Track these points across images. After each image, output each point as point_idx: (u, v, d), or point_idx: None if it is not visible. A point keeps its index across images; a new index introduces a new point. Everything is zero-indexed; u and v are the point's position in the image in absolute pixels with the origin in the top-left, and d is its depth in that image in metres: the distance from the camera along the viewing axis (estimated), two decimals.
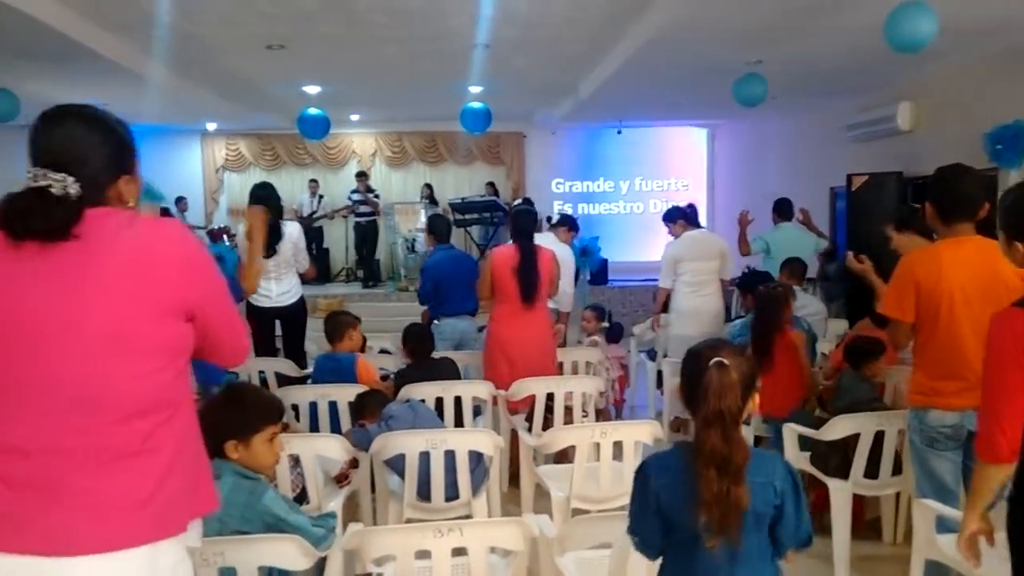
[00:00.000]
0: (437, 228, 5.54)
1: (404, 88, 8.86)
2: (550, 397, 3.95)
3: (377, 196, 11.19)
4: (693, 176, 13.09)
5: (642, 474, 1.77)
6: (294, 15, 5.69)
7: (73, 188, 1.35)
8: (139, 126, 10.98)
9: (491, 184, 11.92)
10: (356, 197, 11.02)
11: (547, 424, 3.88)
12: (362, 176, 11.38)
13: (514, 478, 4.24)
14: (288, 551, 2.05)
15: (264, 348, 5.06)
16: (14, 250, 1.34)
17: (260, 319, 5.02)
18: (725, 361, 1.66)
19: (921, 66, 6.50)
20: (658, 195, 12.96)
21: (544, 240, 5.22)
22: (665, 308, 5.75)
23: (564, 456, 3.53)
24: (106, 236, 1.38)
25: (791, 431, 3.60)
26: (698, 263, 5.46)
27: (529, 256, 4.37)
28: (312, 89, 8.86)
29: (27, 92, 6.74)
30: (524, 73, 7.95)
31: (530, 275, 4.34)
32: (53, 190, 1.34)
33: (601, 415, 4.96)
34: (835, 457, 3.34)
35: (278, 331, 5.18)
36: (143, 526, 1.36)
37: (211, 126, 12.11)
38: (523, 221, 4.56)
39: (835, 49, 6.15)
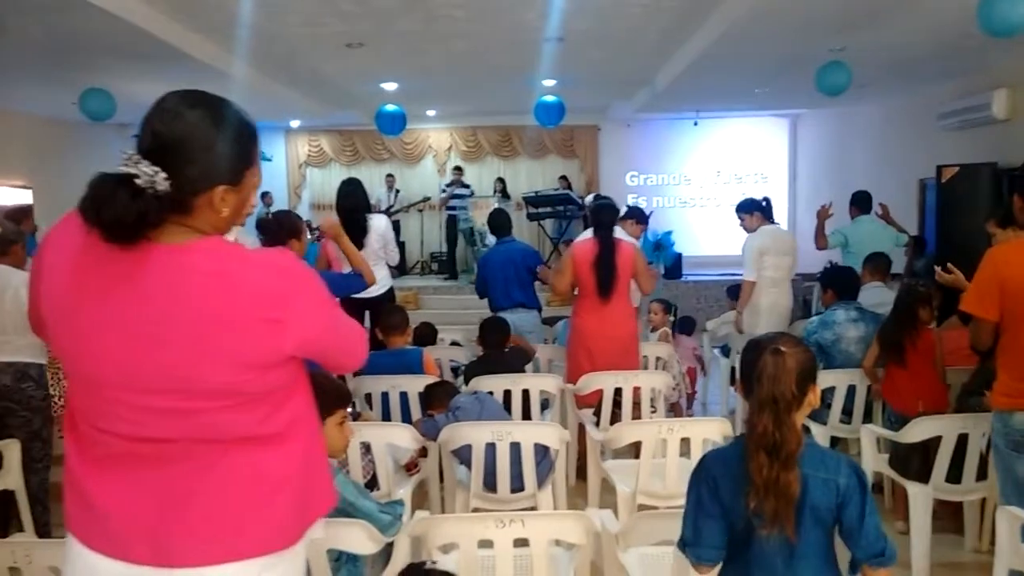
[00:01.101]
0: (495, 222, 5.58)
1: (479, 83, 8.93)
2: (618, 392, 3.94)
3: (471, 191, 11.31)
4: (773, 168, 12.72)
5: (701, 468, 1.77)
6: (373, 13, 5.82)
7: (162, 185, 1.20)
8: None
9: (564, 178, 11.90)
10: (453, 191, 11.13)
11: (615, 419, 3.87)
12: (458, 170, 11.53)
13: (582, 472, 4.24)
14: (355, 536, 2.11)
15: None
16: (100, 245, 1.22)
17: (350, 310, 5.15)
18: (782, 348, 1.66)
19: (1018, 51, 6.14)
20: (735, 188, 12.68)
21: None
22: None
23: (635, 451, 3.52)
24: (191, 270, 1.24)
25: (869, 432, 3.48)
26: (778, 258, 5.32)
27: (608, 250, 4.33)
28: (390, 86, 9.04)
29: (122, 91, 7.14)
30: (598, 65, 7.90)
31: (607, 269, 4.31)
32: (138, 181, 1.18)
33: (674, 409, 4.92)
34: (915, 460, 3.21)
35: (367, 323, 5.32)
36: (261, 538, 1.32)
37: (295, 123, 12.51)
38: (604, 214, 4.50)
39: (923, 34, 5.87)
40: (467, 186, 11.40)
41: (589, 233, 5.10)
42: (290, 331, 1.27)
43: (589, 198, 7.21)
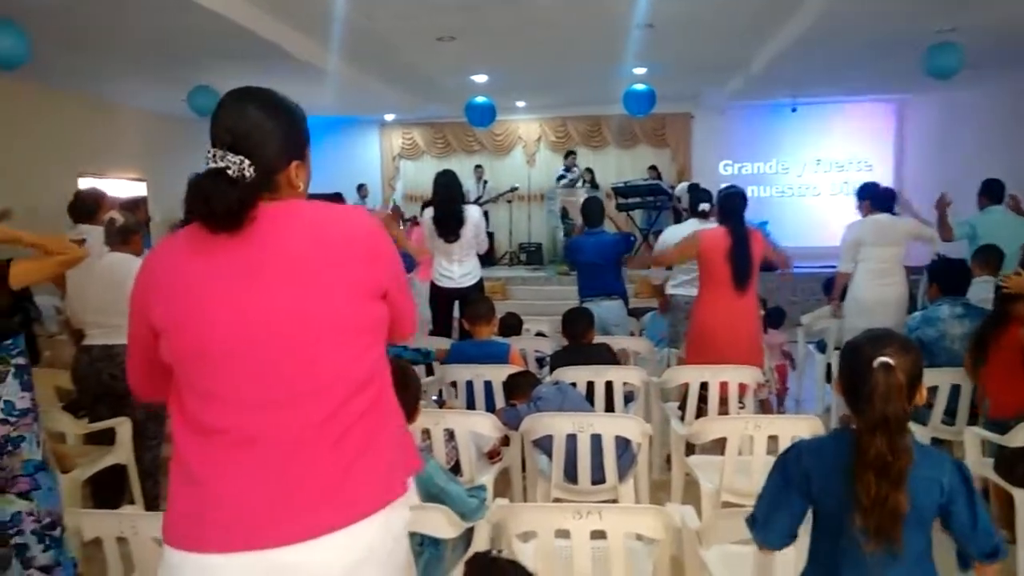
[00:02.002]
0: (588, 210, 5.54)
1: (568, 73, 8.90)
2: (704, 387, 3.86)
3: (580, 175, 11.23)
4: (877, 156, 12.12)
5: (791, 454, 1.73)
6: (463, 7, 5.89)
7: (248, 171, 1.36)
8: (324, 118, 11.94)
9: (654, 168, 11.72)
10: (569, 176, 11.08)
11: (701, 414, 3.80)
12: (571, 155, 11.49)
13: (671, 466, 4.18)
14: (436, 520, 2.16)
15: (442, 327, 5.30)
16: (207, 243, 1.36)
17: (440, 299, 5.28)
18: (891, 362, 1.56)
19: None
20: (836, 177, 12.16)
21: (690, 225, 5.08)
22: (843, 296, 5.40)
23: (721, 447, 3.45)
24: (293, 226, 1.39)
25: (973, 435, 3.29)
26: (881, 248, 5.05)
27: (742, 240, 4.19)
28: (480, 78, 9.13)
29: (226, 89, 7.47)
30: (689, 51, 7.73)
31: (744, 260, 4.18)
32: (230, 172, 1.35)
33: (764, 406, 4.77)
34: (1021, 465, 3.02)
35: (456, 312, 5.41)
36: (377, 493, 1.41)
37: (388, 117, 12.82)
38: (733, 202, 4.33)
39: None
40: (575, 170, 11.27)
41: (694, 224, 5.01)
42: (382, 266, 1.47)
43: (681, 187, 7.05)
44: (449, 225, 5.01)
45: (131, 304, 1.46)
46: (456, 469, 3.12)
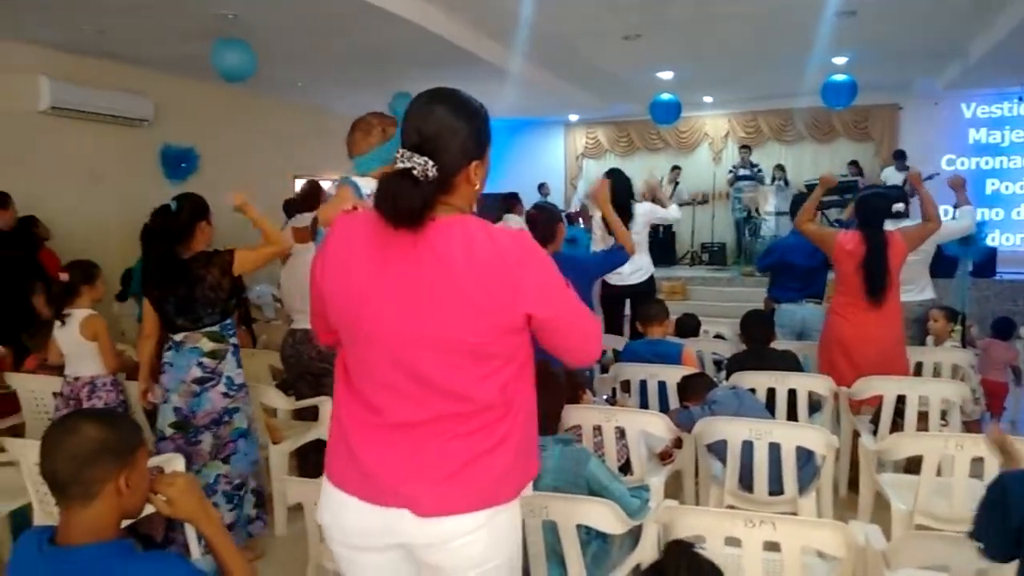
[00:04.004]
0: (792, 211, 5.30)
1: (758, 65, 8.55)
2: (901, 400, 3.58)
3: (760, 171, 10.88)
4: None
5: (999, 487, 1.61)
6: (648, 5, 5.85)
7: (432, 172, 1.41)
8: (510, 120, 12.32)
9: (854, 163, 10.93)
10: (743, 172, 10.79)
11: (896, 429, 3.53)
12: (746, 149, 11.15)
13: (854, 483, 3.93)
14: (604, 514, 2.19)
15: (612, 326, 5.32)
16: (383, 234, 1.45)
17: (610, 298, 5.31)
18: None
19: None
20: None
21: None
22: None
23: (916, 466, 3.19)
24: (464, 247, 1.43)
25: None
26: None
27: (879, 248, 3.91)
28: (665, 75, 9.00)
29: None
30: (896, 38, 7.16)
31: (878, 271, 3.90)
32: (415, 172, 1.41)
33: (971, 427, 4.33)
34: None
35: (627, 310, 5.41)
36: (485, 495, 1.51)
37: (573, 117, 12.97)
38: (873, 205, 4.07)
39: None
40: (755, 166, 10.88)
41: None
42: (524, 298, 1.45)
43: (889, 171, 6.51)
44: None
45: (312, 265, 1.63)
46: (626, 468, 3.13)
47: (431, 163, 1.42)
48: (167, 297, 3.20)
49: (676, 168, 11.70)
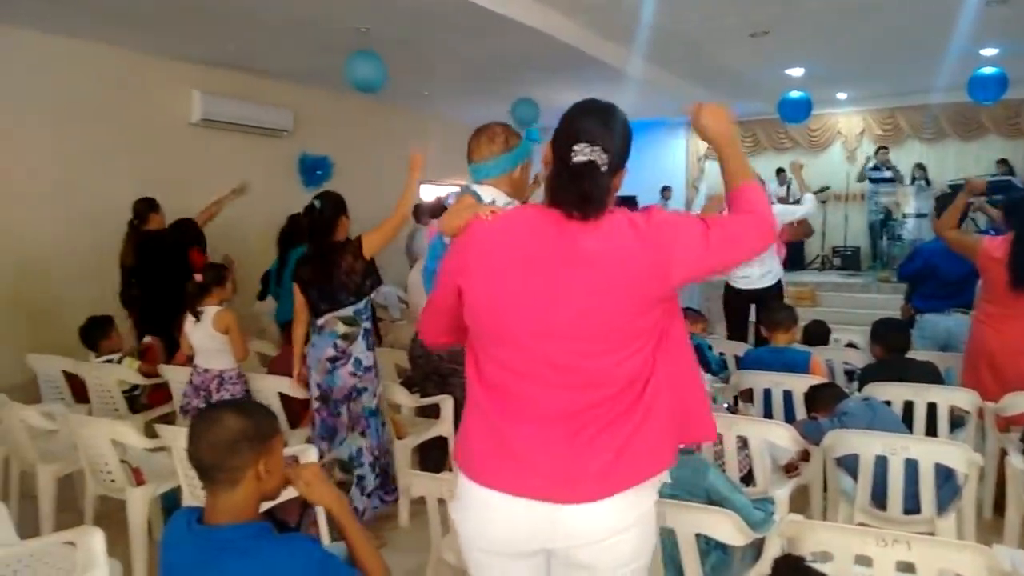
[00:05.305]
0: (936, 211, 5.00)
1: (898, 59, 8.08)
2: None
3: (899, 171, 10.30)
4: None
5: None
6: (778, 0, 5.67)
7: (605, 166, 1.51)
8: (631, 122, 12.16)
9: (1004, 161, 10.10)
10: (877, 175, 10.27)
11: None
12: (883, 150, 10.59)
13: (1000, 506, 3.65)
14: (724, 525, 2.15)
15: (736, 330, 5.18)
16: (546, 229, 1.53)
17: (736, 302, 5.18)
18: None
19: None
20: None
21: None
22: None
23: None
24: (618, 233, 1.52)
25: None
26: None
27: None
28: (795, 72, 8.67)
29: (543, 98, 8.04)
30: None
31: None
32: (599, 163, 1.50)
33: None
34: None
35: (752, 316, 5.25)
36: (622, 475, 1.54)
37: None
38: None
39: None
40: (890, 168, 10.29)
41: None
42: (674, 271, 1.51)
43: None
44: None
45: (445, 260, 1.68)
46: (747, 479, 3.05)
47: (606, 155, 1.51)
48: (312, 285, 3.52)
49: (800, 163, 11.19)
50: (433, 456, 4.12)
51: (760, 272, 4.99)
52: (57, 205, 6.16)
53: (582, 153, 1.49)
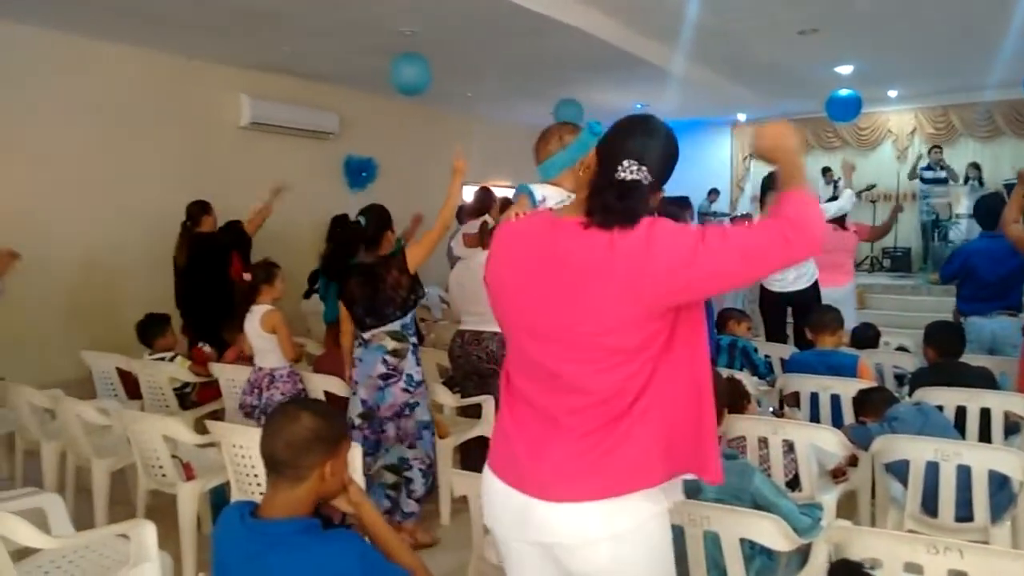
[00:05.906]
0: (983, 209, 4.84)
1: (952, 55, 7.86)
2: None
3: (952, 170, 10.02)
4: None
5: None
6: None
7: (646, 180, 1.57)
8: (675, 122, 12.08)
9: None
10: (931, 175, 10.01)
11: None
12: (936, 149, 10.30)
13: None
14: (769, 530, 2.12)
15: (774, 333, 5.11)
16: (561, 234, 1.56)
17: (770, 304, 5.10)
18: None
19: None
20: None
21: None
22: None
23: None
24: (601, 246, 1.51)
25: None
26: None
27: None
28: (845, 69, 8.49)
29: (586, 99, 8.01)
30: None
31: None
32: (641, 180, 1.56)
33: None
34: None
35: (789, 318, 5.18)
36: (597, 484, 1.53)
37: (741, 116, 12.51)
38: None
39: None
40: (944, 168, 9.99)
41: None
42: (660, 286, 1.47)
43: None
44: None
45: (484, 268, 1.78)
46: (793, 484, 3.00)
47: (646, 170, 1.57)
48: (358, 300, 3.51)
49: (827, 169, 11.06)
50: (474, 455, 4.14)
51: (795, 274, 4.90)
52: (111, 207, 6.36)
53: (628, 171, 1.56)
